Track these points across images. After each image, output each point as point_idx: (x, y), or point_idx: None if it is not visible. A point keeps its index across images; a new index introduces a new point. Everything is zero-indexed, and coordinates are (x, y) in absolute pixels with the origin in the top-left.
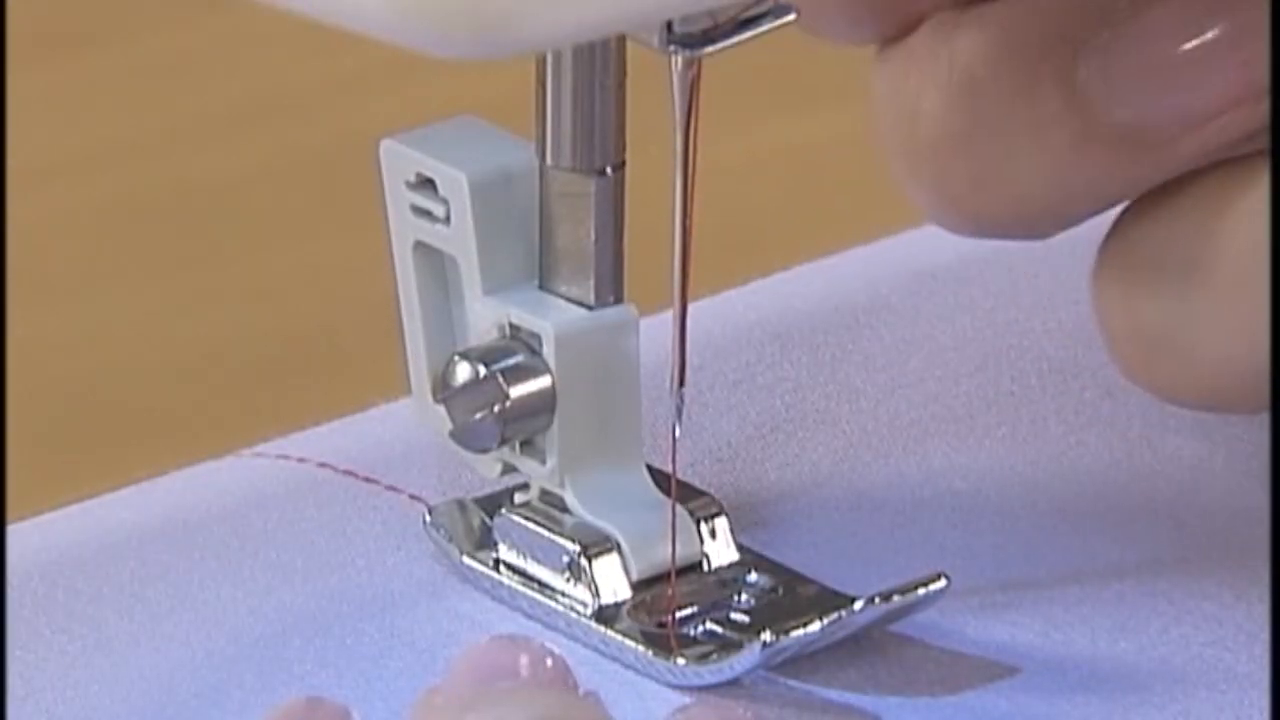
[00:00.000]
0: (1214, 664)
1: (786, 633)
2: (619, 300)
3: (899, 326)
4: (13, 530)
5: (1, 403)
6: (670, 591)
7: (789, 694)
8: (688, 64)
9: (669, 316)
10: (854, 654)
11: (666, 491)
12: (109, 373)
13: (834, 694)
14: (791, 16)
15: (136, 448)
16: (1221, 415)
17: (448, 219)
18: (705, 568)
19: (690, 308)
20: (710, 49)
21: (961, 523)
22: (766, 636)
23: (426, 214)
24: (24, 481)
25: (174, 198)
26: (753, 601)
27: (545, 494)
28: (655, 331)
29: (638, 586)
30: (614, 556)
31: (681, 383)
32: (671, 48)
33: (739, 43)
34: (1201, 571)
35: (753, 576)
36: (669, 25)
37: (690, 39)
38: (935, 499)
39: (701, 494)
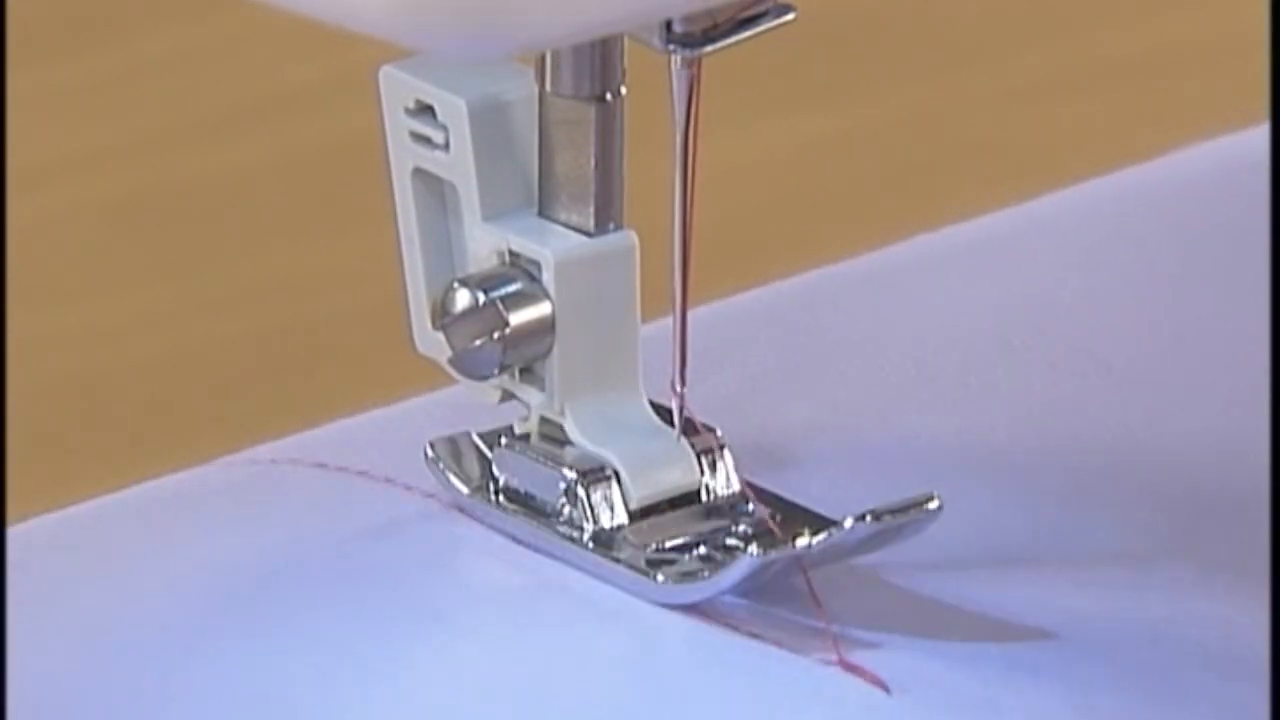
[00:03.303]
0: (1217, 658)
1: (775, 546)
2: (619, 227)
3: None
4: (13, 530)
5: (1, 403)
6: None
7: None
8: (687, 64)
9: (668, 321)
10: (845, 626)
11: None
12: (109, 373)
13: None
14: (791, 16)
15: (136, 448)
16: (1222, 404)
17: (447, 145)
18: (705, 499)
19: (690, 312)
20: (710, 49)
21: (956, 503)
22: (754, 550)
23: (425, 140)
24: (24, 481)
25: (174, 198)
26: (749, 530)
27: (545, 422)
28: (655, 332)
29: (635, 515)
30: (611, 484)
31: (683, 382)
32: (671, 47)
33: (739, 42)
34: (1201, 562)
35: (751, 506)
36: (669, 25)
37: (690, 39)
38: (931, 457)
39: (706, 429)
